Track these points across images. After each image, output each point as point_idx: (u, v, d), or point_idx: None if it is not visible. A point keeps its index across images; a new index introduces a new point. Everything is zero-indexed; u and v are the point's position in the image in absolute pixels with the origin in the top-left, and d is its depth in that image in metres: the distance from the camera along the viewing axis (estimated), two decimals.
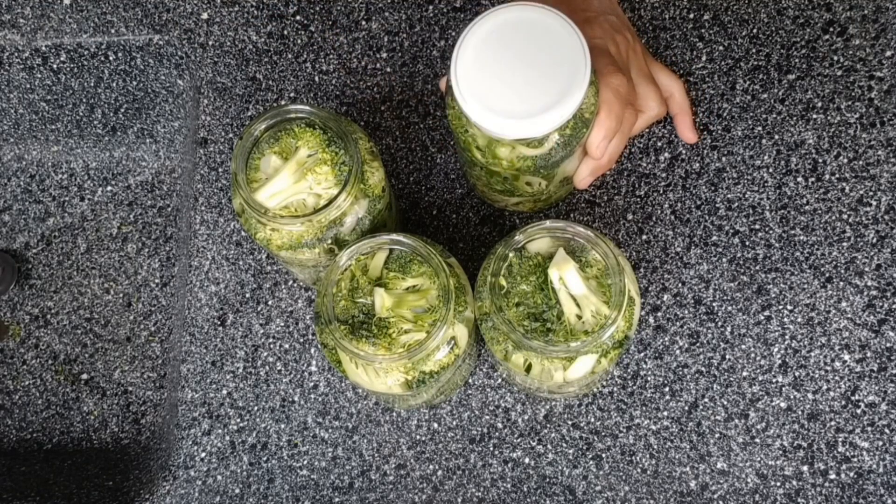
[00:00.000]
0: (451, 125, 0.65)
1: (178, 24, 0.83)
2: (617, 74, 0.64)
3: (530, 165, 0.63)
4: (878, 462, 0.70)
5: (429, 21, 0.82)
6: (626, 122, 0.66)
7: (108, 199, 0.91)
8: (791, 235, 0.74)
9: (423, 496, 0.73)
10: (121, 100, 0.88)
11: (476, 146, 0.64)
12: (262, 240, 0.64)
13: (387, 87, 0.81)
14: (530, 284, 0.60)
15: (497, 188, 0.70)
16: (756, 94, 0.77)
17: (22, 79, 0.87)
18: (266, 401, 0.76)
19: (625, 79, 0.65)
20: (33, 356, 0.87)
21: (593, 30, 0.68)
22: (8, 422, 0.86)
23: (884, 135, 0.75)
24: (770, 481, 0.71)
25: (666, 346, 0.74)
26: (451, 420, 0.74)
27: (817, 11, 0.78)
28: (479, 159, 0.64)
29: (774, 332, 0.73)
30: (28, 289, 0.89)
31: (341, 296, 0.61)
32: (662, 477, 0.72)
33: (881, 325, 0.72)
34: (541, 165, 0.63)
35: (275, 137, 0.63)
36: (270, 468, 0.75)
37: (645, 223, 0.76)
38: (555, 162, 0.63)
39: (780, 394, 0.72)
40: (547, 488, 0.72)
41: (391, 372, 0.61)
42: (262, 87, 0.82)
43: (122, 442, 0.84)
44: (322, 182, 0.62)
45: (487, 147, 0.63)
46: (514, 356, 0.61)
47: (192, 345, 0.78)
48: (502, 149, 0.63)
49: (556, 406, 0.73)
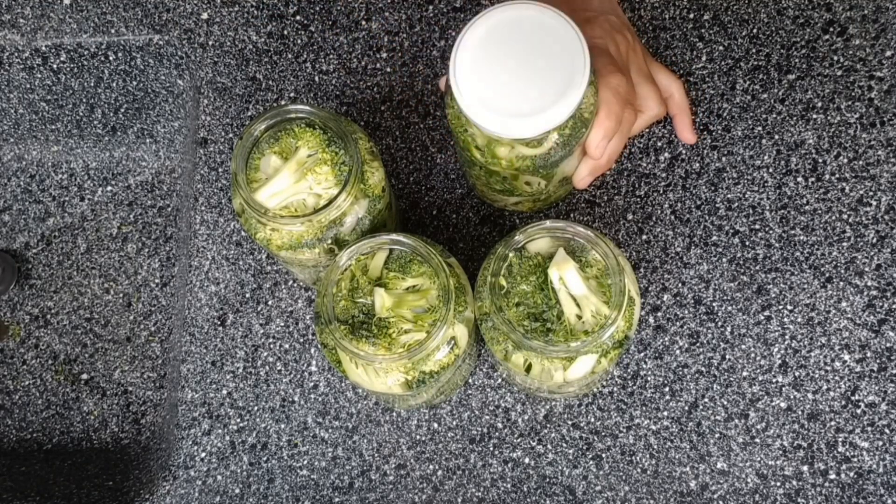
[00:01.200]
0: (450, 124, 0.65)
1: (178, 24, 0.83)
2: (617, 74, 0.64)
3: (529, 165, 0.63)
4: (878, 462, 0.70)
5: (429, 21, 0.82)
6: (625, 123, 0.66)
7: (108, 199, 0.91)
8: (791, 235, 0.75)
9: (423, 496, 0.73)
10: (121, 100, 0.88)
11: (475, 145, 0.64)
12: (261, 240, 0.64)
13: (387, 87, 0.81)
14: (530, 284, 0.60)
15: (496, 188, 0.70)
16: (756, 94, 0.77)
17: (22, 79, 0.87)
18: (266, 401, 0.76)
19: (625, 79, 0.65)
20: (33, 356, 0.87)
21: (593, 29, 0.68)
22: (8, 422, 0.86)
23: (884, 135, 0.75)
24: (770, 481, 0.71)
25: (666, 346, 0.74)
26: (451, 420, 0.74)
27: (817, 11, 0.78)
28: (479, 159, 0.64)
29: (774, 332, 0.73)
30: (28, 289, 0.89)
31: (341, 296, 0.61)
32: (662, 477, 0.72)
33: (881, 325, 0.72)
34: (540, 165, 0.63)
35: (275, 137, 0.63)
36: (270, 468, 0.75)
37: (645, 223, 0.76)
38: (554, 161, 0.63)
39: (780, 394, 0.72)
40: (547, 488, 0.72)
41: (391, 372, 0.61)
42: (262, 87, 0.82)
43: (122, 442, 0.84)
44: (322, 182, 0.62)
45: (486, 146, 0.63)
46: (514, 356, 0.61)
47: (192, 345, 0.78)
48: (501, 148, 0.63)
49: (556, 406, 0.73)
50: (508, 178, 0.67)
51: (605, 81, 0.64)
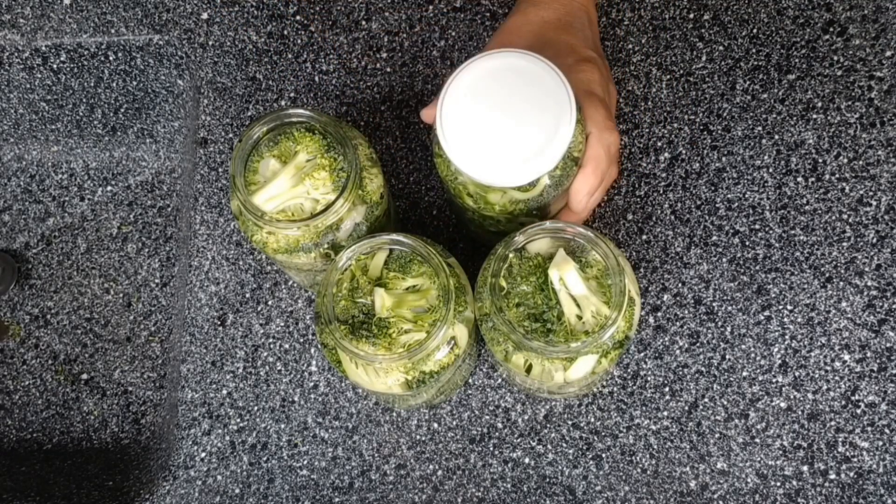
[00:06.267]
0: (439, 173, 0.64)
1: (178, 24, 0.83)
2: (612, 132, 0.64)
3: (523, 209, 0.63)
4: (878, 462, 0.70)
5: (429, 21, 0.82)
6: (608, 179, 0.66)
7: (108, 199, 0.91)
8: (791, 235, 0.75)
9: (423, 496, 0.73)
10: (121, 100, 0.88)
11: (467, 193, 0.64)
12: (258, 242, 0.64)
13: (387, 87, 0.81)
14: (530, 285, 0.60)
15: (491, 230, 0.69)
16: (756, 94, 0.77)
17: (22, 79, 0.87)
18: (266, 401, 0.76)
19: (617, 136, 0.65)
20: (33, 356, 0.87)
21: (592, 72, 0.67)
22: (8, 422, 0.86)
23: (884, 135, 0.75)
24: (770, 481, 0.71)
25: (666, 346, 0.74)
26: (451, 420, 0.74)
27: (817, 11, 0.78)
28: (471, 205, 0.64)
29: (774, 332, 0.73)
30: (28, 289, 0.89)
31: (341, 296, 0.61)
32: (662, 477, 0.72)
33: (881, 325, 0.72)
34: (533, 207, 0.63)
35: (274, 141, 0.63)
36: (270, 468, 0.75)
37: (645, 223, 0.76)
38: (546, 203, 0.64)
39: (780, 394, 0.72)
40: (547, 488, 0.72)
41: (391, 372, 0.61)
42: (262, 87, 0.82)
43: (122, 442, 0.84)
44: (320, 187, 0.62)
45: (478, 194, 0.63)
46: (515, 357, 0.61)
47: (192, 345, 0.78)
48: (493, 195, 0.63)
49: (556, 406, 0.73)
50: (503, 220, 0.66)
51: (600, 137, 0.63)
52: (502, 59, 0.61)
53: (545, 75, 0.60)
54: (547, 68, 0.60)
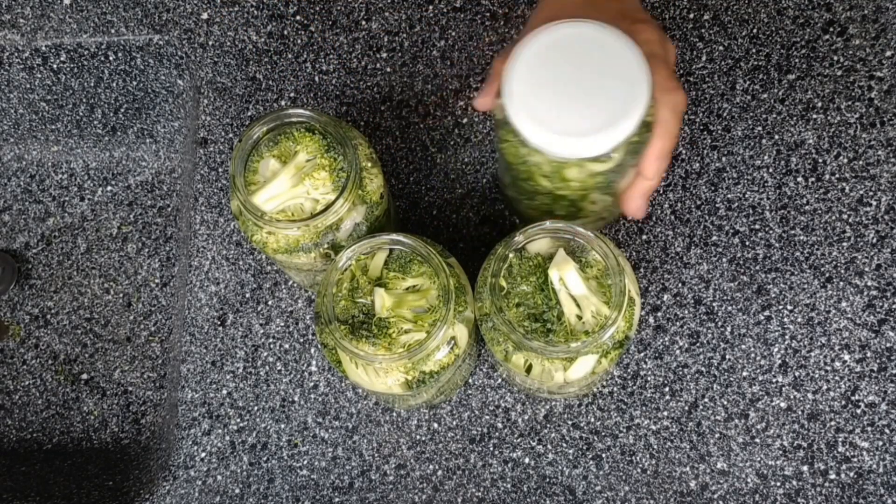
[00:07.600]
0: (506, 160, 0.62)
1: (178, 24, 0.83)
2: (677, 91, 0.61)
3: (602, 181, 0.61)
4: (878, 462, 0.70)
5: (429, 21, 0.82)
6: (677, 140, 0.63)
7: (108, 199, 0.91)
8: (791, 235, 0.75)
9: (423, 496, 0.73)
10: (121, 100, 0.88)
11: (542, 174, 0.61)
12: (258, 242, 0.64)
13: (387, 87, 0.81)
14: (530, 285, 0.60)
15: (561, 213, 0.67)
16: (756, 94, 0.77)
17: (22, 79, 0.87)
18: (266, 401, 0.76)
19: (683, 95, 0.62)
20: (33, 356, 0.87)
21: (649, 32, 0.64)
22: (8, 422, 0.86)
23: (884, 135, 0.75)
24: (770, 481, 0.71)
25: (666, 346, 0.74)
26: (451, 420, 0.74)
27: (817, 11, 0.78)
28: (546, 186, 0.62)
29: (774, 332, 0.73)
30: (28, 289, 0.89)
31: (341, 296, 0.61)
32: (662, 477, 0.72)
33: (881, 325, 0.72)
34: (612, 179, 0.61)
35: (274, 141, 0.63)
36: (270, 468, 0.75)
37: (645, 223, 0.76)
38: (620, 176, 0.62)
39: (780, 394, 0.72)
40: (547, 488, 0.72)
41: (391, 372, 0.61)
42: (262, 87, 0.82)
43: (122, 442, 0.84)
44: (320, 187, 0.62)
45: (554, 173, 0.61)
46: (515, 357, 0.61)
47: (192, 345, 0.78)
48: (570, 170, 0.60)
49: (556, 406, 0.73)
50: (576, 199, 0.64)
51: (666, 99, 0.61)
52: (562, 31, 0.58)
53: (609, 41, 0.58)
54: (610, 33, 0.58)
